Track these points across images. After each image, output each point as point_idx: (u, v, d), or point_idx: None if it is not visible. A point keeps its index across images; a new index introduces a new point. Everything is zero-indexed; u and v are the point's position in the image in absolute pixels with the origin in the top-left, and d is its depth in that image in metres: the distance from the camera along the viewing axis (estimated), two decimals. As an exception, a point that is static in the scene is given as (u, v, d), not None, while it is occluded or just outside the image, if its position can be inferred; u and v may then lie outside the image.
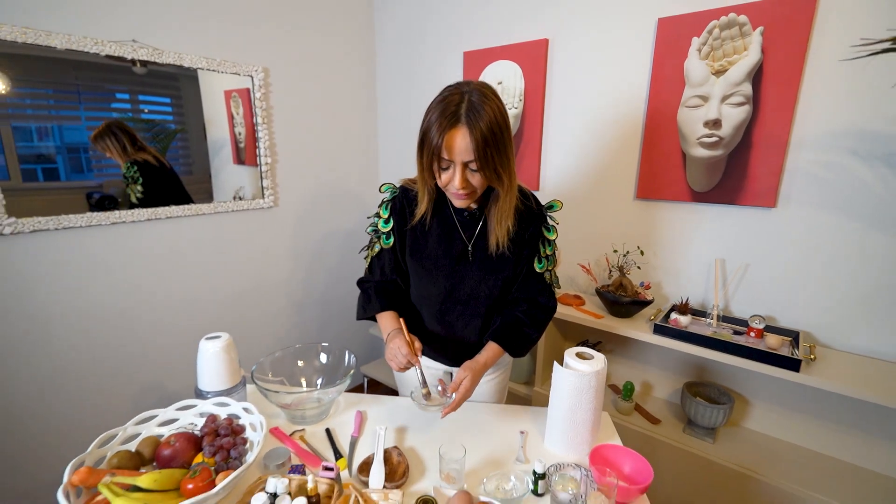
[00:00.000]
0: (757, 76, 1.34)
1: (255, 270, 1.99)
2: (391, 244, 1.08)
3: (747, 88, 1.35)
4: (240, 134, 1.86)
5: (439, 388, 1.07)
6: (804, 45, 1.26)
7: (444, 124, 0.85)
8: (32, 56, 1.31)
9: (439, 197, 1.03)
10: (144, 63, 1.52)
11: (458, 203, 0.98)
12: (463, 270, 1.06)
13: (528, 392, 1.82)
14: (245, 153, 1.89)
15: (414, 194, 1.03)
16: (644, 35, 1.53)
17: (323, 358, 1.21)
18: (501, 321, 1.09)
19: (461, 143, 0.85)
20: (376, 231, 1.11)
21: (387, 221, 1.08)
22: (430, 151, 0.89)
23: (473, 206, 1.02)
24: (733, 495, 1.35)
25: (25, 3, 1.27)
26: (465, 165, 0.89)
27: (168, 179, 1.66)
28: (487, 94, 0.86)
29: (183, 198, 1.71)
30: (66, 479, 0.76)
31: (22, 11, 1.27)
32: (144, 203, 1.59)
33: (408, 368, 1.02)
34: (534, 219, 1.05)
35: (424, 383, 1.04)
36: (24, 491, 1.45)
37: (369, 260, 1.15)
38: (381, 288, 1.14)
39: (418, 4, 2.12)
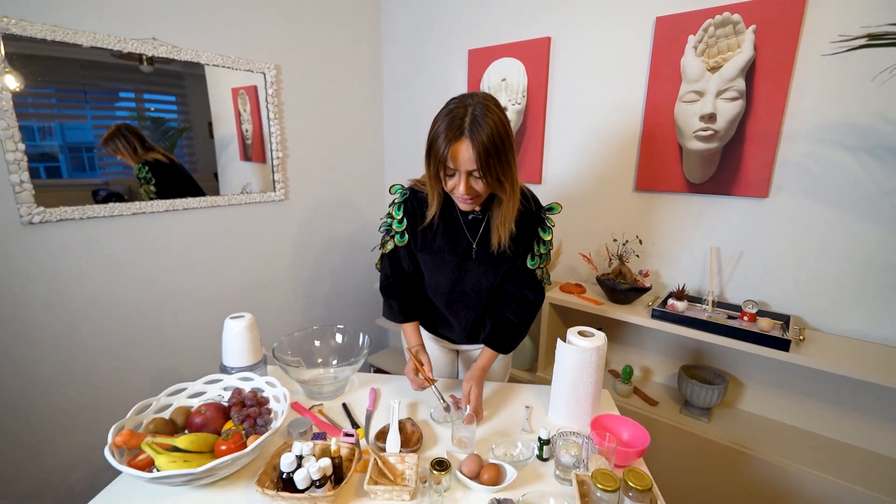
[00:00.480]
0: (750, 72, 1.40)
1: (266, 261, 2.06)
2: (405, 242, 1.15)
3: (741, 84, 1.42)
4: (247, 131, 1.91)
5: (451, 402, 1.14)
6: (794, 42, 1.33)
7: (449, 136, 0.91)
8: (42, 56, 1.33)
9: (447, 199, 1.09)
10: (152, 62, 1.56)
11: (464, 207, 1.04)
12: (468, 266, 1.13)
13: (531, 378, 1.89)
14: (252, 150, 1.93)
15: (423, 195, 1.09)
16: (642, 33, 1.59)
17: (338, 338, 1.28)
18: (492, 325, 1.18)
19: (465, 154, 0.91)
20: (389, 230, 1.17)
21: (400, 222, 1.14)
22: (436, 160, 0.95)
23: (477, 208, 1.07)
24: (727, 469, 1.42)
25: (53, 2, 1.33)
26: (469, 174, 0.95)
27: (179, 176, 1.71)
28: (490, 107, 0.92)
29: (196, 192, 1.76)
30: (109, 440, 0.83)
31: (50, 10, 1.33)
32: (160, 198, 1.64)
33: (425, 388, 1.14)
34: (531, 220, 1.11)
35: (442, 398, 1.11)
36: (45, 474, 1.51)
37: (381, 257, 1.23)
38: (402, 296, 1.22)
39: (424, 3, 2.18)
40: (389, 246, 1.18)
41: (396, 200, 1.15)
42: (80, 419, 1.56)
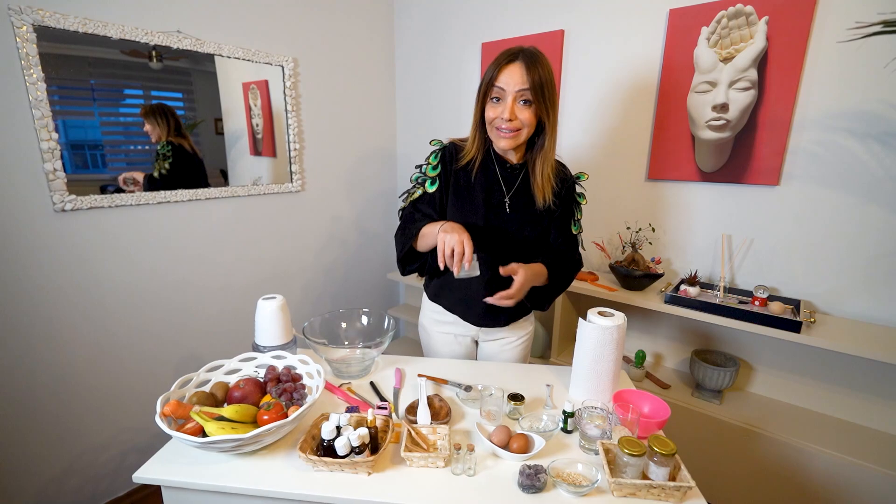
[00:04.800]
0: (762, 62, 1.44)
1: (282, 251, 2.10)
2: (435, 189, 1.18)
3: (753, 74, 1.45)
4: (257, 125, 1.92)
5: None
6: (806, 32, 1.36)
7: (501, 60, 1.01)
8: (50, 54, 1.34)
9: (486, 152, 1.16)
10: (161, 58, 1.58)
11: (503, 143, 1.07)
12: (499, 218, 1.17)
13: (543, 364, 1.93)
14: (262, 144, 1.95)
15: (461, 146, 1.17)
16: (656, 25, 1.63)
17: (364, 321, 1.32)
18: (550, 255, 1.21)
19: (517, 74, 0.99)
20: (420, 177, 1.21)
21: (435, 167, 1.18)
22: (486, 83, 1.03)
23: (515, 160, 1.15)
24: (740, 448, 1.46)
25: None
26: (517, 97, 1.00)
27: (195, 167, 1.73)
28: (542, 54, 1.02)
29: (206, 186, 1.77)
30: (158, 410, 0.88)
31: (81, 3, 1.37)
32: (165, 180, 1.64)
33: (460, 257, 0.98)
34: (568, 180, 1.19)
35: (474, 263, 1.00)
36: (72, 457, 1.56)
37: (407, 203, 1.22)
38: (421, 218, 1.18)
39: (437, -3, 2.22)
40: (418, 193, 1.19)
41: (435, 150, 1.20)
42: (108, 403, 1.61)
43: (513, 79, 0.99)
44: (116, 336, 1.60)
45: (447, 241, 0.99)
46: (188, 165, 1.71)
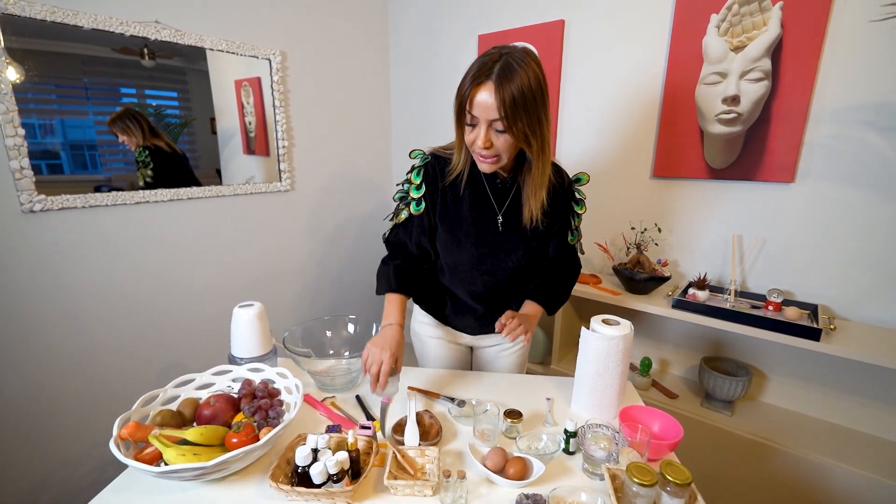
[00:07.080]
0: (776, 51, 1.35)
1: (272, 253, 2.02)
2: (422, 210, 1.07)
3: (766, 64, 1.36)
4: (250, 124, 1.86)
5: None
6: (824, 19, 1.27)
7: (474, 80, 0.85)
8: (42, 51, 1.29)
9: (474, 164, 1.03)
10: (153, 56, 1.52)
11: (483, 167, 0.97)
12: (492, 239, 1.06)
13: (543, 371, 1.84)
14: (255, 143, 1.89)
15: (446, 159, 1.04)
16: (662, 13, 1.54)
17: (350, 328, 1.23)
18: (536, 283, 1.15)
19: (487, 100, 0.85)
20: (405, 197, 1.09)
21: (418, 187, 1.06)
22: (459, 105, 0.90)
23: (504, 174, 1.03)
24: (752, 463, 1.37)
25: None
26: (491, 125, 0.88)
27: (178, 165, 1.66)
28: (526, 59, 0.85)
29: (193, 183, 1.70)
30: (114, 432, 0.79)
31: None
32: (153, 188, 1.58)
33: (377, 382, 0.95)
34: (564, 194, 1.08)
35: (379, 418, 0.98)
36: (49, 470, 1.48)
37: (391, 227, 1.14)
38: (402, 266, 1.11)
39: (432, -11, 2.13)
40: (403, 215, 1.09)
41: (416, 165, 1.08)
42: (83, 414, 1.53)
43: (484, 105, 0.85)
44: (95, 342, 1.52)
45: (370, 356, 0.96)
46: (171, 166, 1.63)
